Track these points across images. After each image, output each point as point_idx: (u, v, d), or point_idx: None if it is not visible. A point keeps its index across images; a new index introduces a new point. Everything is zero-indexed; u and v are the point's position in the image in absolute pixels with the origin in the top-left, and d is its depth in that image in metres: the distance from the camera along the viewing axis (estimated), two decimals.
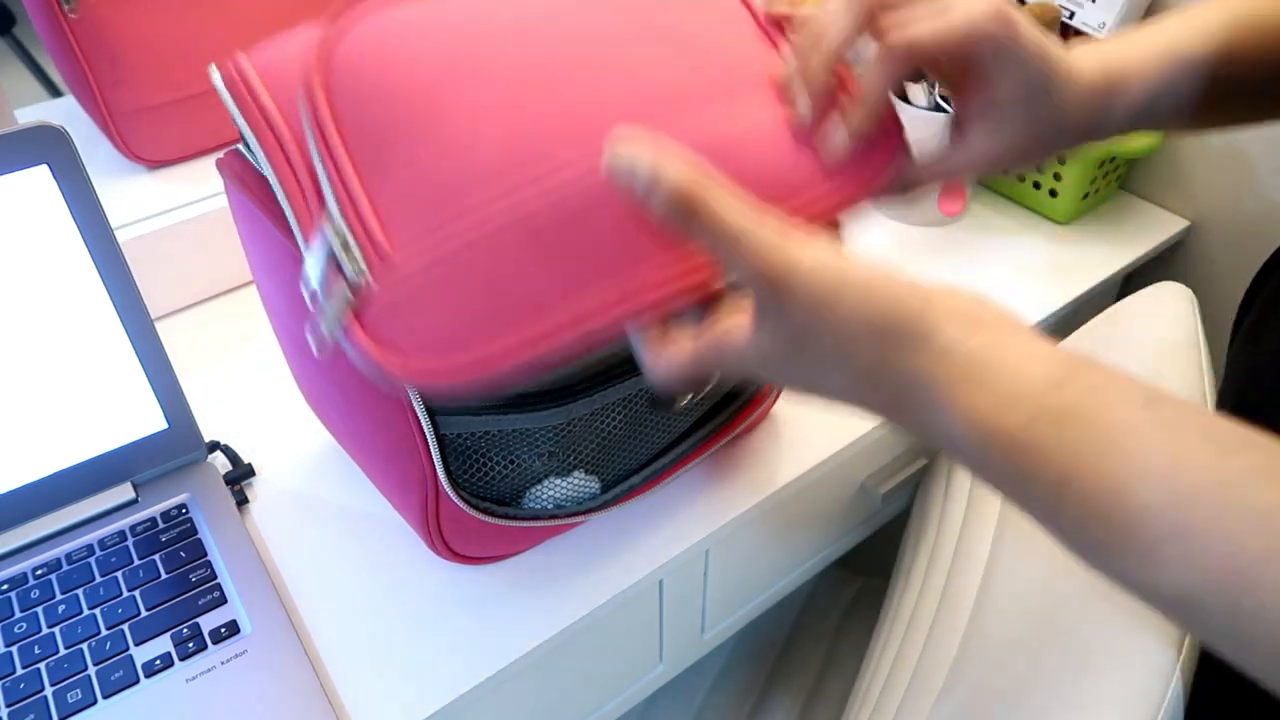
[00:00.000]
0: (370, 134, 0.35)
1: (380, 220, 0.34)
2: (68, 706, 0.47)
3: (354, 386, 0.46)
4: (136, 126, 0.75)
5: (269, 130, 0.38)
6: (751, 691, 0.77)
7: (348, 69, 0.36)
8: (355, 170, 0.35)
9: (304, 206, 0.36)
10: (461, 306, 0.33)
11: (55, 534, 0.55)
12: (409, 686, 0.50)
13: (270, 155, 0.37)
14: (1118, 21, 0.76)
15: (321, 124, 0.35)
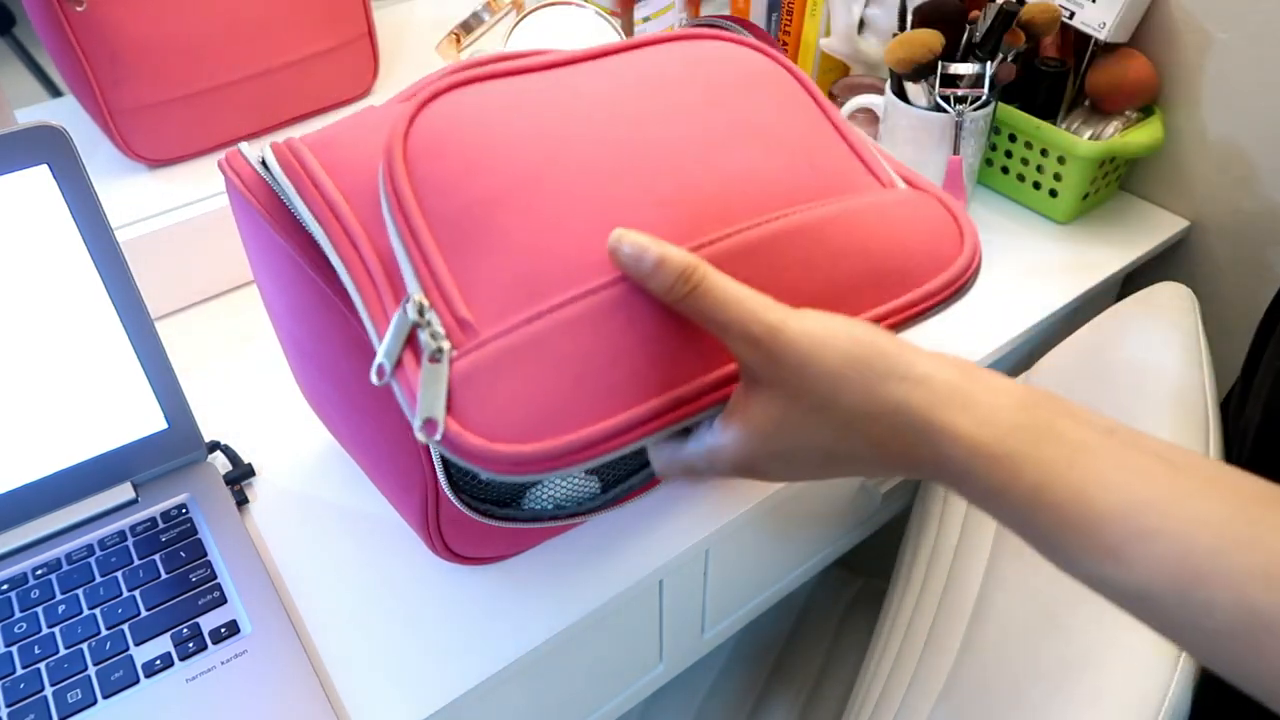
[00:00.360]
0: (453, 217, 0.35)
1: (464, 297, 0.35)
2: (68, 706, 0.47)
3: (354, 388, 0.46)
4: (137, 125, 0.75)
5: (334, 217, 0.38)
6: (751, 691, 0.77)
7: (428, 151, 0.36)
8: (439, 250, 0.35)
9: (372, 290, 0.36)
10: (541, 395, 0.33)
11: (55, 534, 0.55)
12: (409, 686, 0.50)
13: (337, 244, 0.37)
14: (1118, 21, 0.76)
15: (405, 206, 0.35)
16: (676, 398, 0.34)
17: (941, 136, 0.77)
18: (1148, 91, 0.80)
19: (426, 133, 0.37)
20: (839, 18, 0.87)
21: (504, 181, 0.36)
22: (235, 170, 0.43)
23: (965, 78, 0.75)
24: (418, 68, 0.92)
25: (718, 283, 0.33)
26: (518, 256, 0.35)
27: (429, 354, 0.34)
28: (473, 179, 0.36)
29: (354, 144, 0.40)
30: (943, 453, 0.31)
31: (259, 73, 0.78)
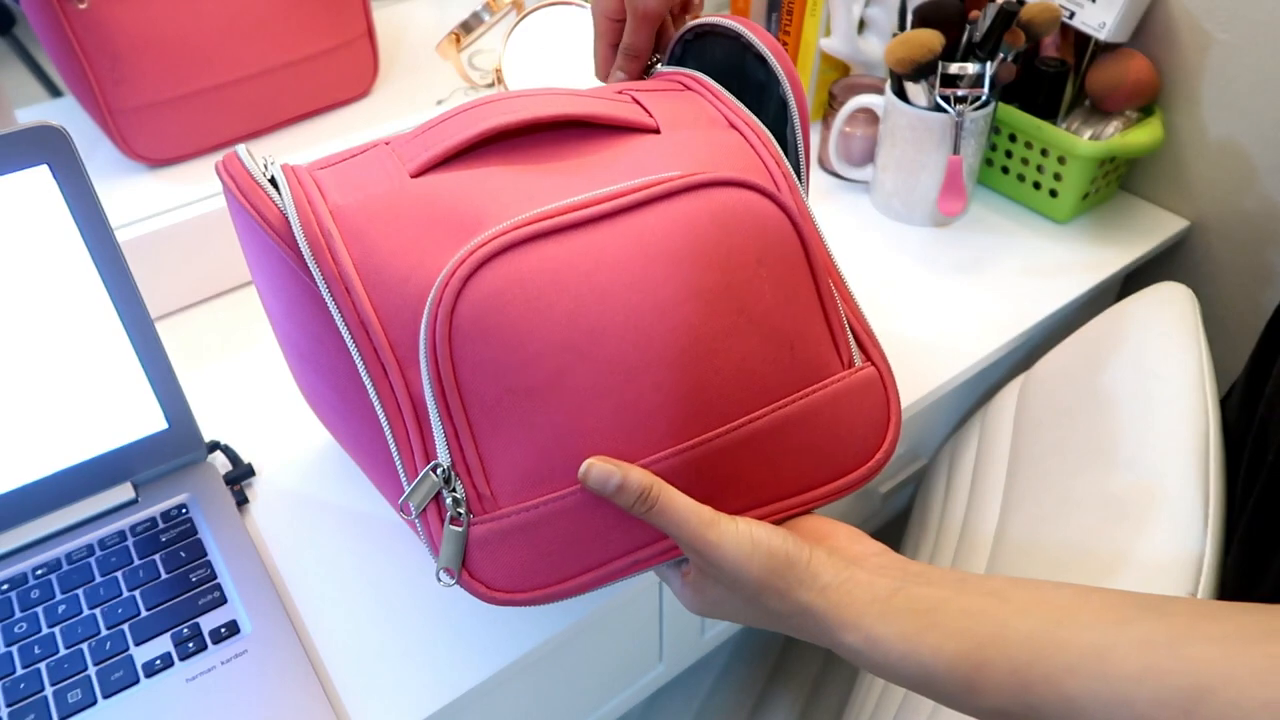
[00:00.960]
0: (488, 404, 0.40)
1: (486, 473, 0.41)
2: (68, 706, 0.47)
3: (351, 392, 0.46)
4: (137, 125, 0.75)
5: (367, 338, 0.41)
6: (751, 691, 0.77)
7: (471, 333, 0.39)
8: (472, 433, 0.40)
9: (404, 434, 0.41)
10: (541, 559, 0.42)
11: (55, 534, 0.55)
12: (409, 686, 0.50)
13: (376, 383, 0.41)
14: (1118, 21, 0.76)
15: (446, 389, 0.40)
16: (635, 560, 0.43)
17: (941, 136, 0.77)
18: (1148, 91, 0.80)
19: (471, 312, 0.39)
20: (839, 18, 0.87)
21: (538, 378, 0.40)
22: (231, 174, 0.43)
23: (965, 78, 0.75)
24: (418, 68, 0.92)
25: (670, 502, 0.41)
26: (537, 449, 0.41)
27: (450, 515, 0.41)
28: (511, 370, 0.40)
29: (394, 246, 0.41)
30: (838, 639, 0.39)
31: (259, 72, 0.78)
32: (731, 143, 0.48)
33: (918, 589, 0.38)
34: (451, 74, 0.87)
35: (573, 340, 0.40)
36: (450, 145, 0.43)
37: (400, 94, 0.89)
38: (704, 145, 0.47)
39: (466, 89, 0.87)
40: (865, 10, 0.87)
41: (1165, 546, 0.51)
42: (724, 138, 0.48)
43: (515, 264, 0.39)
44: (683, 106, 0.50)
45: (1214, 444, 0.54)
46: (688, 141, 0.47)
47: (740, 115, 0.49)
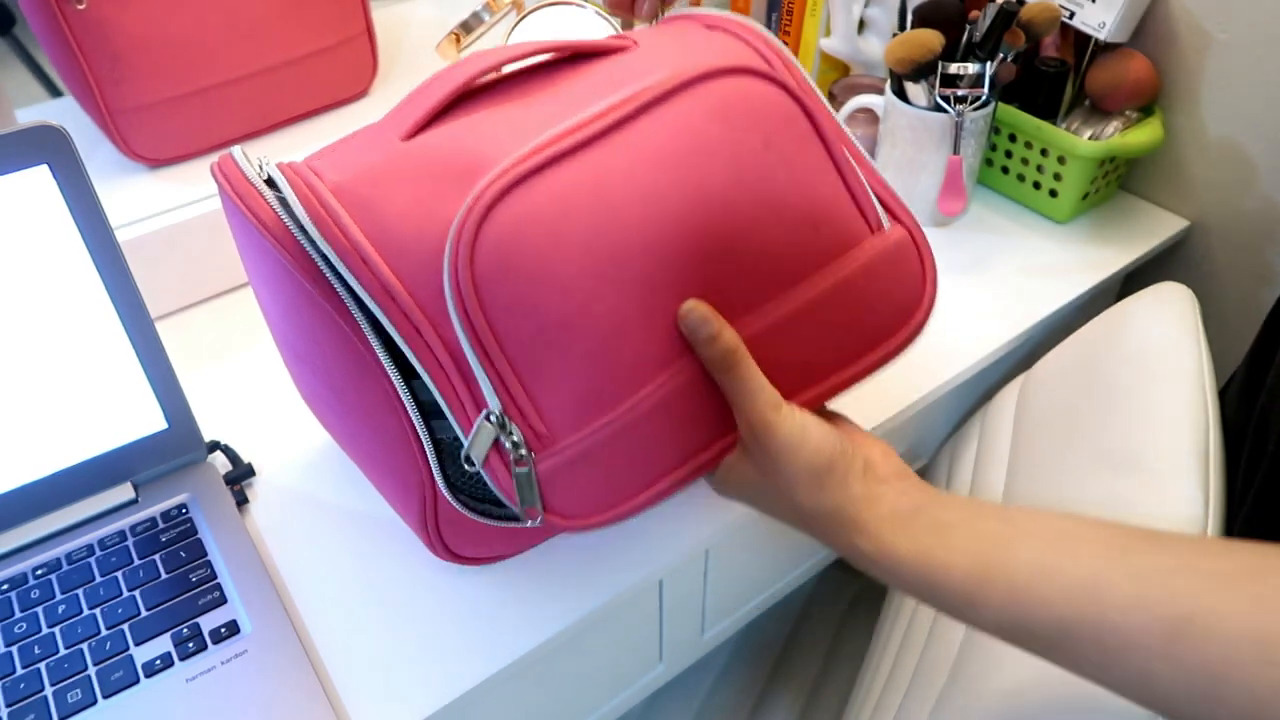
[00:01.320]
0: (524, 341, 0.40)
1: (539, 412, 0.41)
2: (68, 706, 0.47)
3: (349, 393, 0.46)
4: (137, 125, 0.75)
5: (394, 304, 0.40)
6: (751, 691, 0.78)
7: (495, 273, 0.39)
8: (515, 374, 0.40)
9: (451, 389, 0.41)
10: (609, 481, 0.43)
11: (55, 534, 0.55)
12: (409, 686, 0.50)
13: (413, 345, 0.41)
14: (1118, 21, 0.76)
15: (481, 336, 0.39)
16: (698, 464, 0.45)
17: (941, 136, 0.77)
18: (1148, 91, 0.80)
19: (490, 257, 0.39)
20: (839, 18, 0.87)
21: (567, 308, 0.40)
22: (226, 176, 0.43)
23: (965, 78, 0.75)
24: (418, 67, 0.92)
25: (747, 370, 0.42)
26: (583, 378, 0.41)
27: (514, 458, 0.41)
28: (539, 303, 0.39)
29: (400, 207, 0.40)
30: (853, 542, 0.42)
31: (259, 71, 0.78)
32: (715, 40, 0.47)
33: (935, 511, 0.41)
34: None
35: (595, 264, 0.40)
36: (434, 103, 0.43)
37: (400, 94, 0.88)
38: (686, 47, 0.46)
39: None
40: (865, 10, 0.87)
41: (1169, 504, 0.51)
42: (706, 38, 0.47)
43: (524, 199, 0.39)
44: (664, 30, 0.49)
45: (1214, 444, 0.54)
46: (667, 45, 0.46)
47: (725, 20, 0.48)
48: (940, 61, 0.74)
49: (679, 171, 0.41)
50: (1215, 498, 0.52)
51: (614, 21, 0.75)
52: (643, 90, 0.42)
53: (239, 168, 0.43)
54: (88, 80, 0.72)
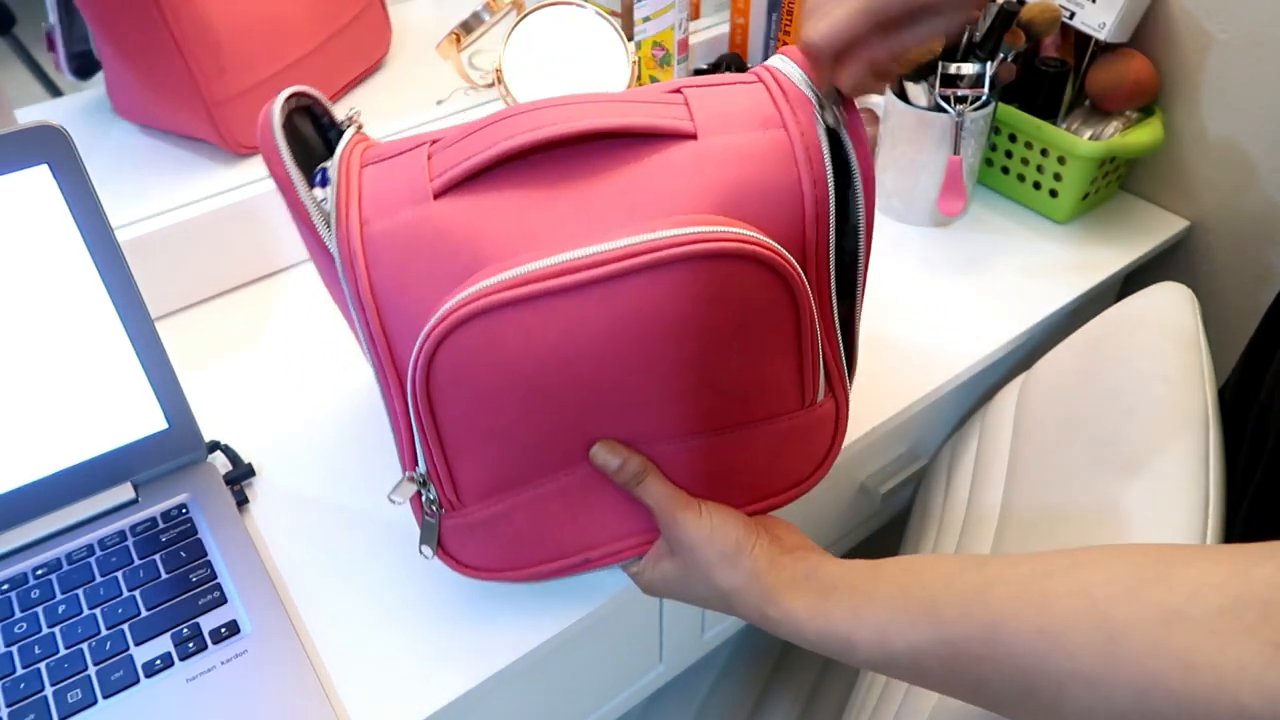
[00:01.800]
0: (460, 434, 0.46)
1: (455, 485, 0.48)
2: (68, 706, 0.47)
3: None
4: (234, 114, 0.76)
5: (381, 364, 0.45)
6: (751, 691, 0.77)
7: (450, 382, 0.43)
8: (445, 454, 0.47)
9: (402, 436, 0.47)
10: (503, 548, 0.51)
11: (55, 534, 0.55)
12: (409, 686, 0.50)
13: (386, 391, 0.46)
14: (1118, 21, 0.76)
15: (421, 420, 0.45)
16: (585, 558, 0.51)
17: (941, 136, 0.77)
18: (1148, 91, 0.80)
19: (447, 366, 0.43)
20: None
21: (499, 420, 0.45)
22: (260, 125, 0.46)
23: (965, 78, 0.75)
24: (417, 68, 0.92)
25: (655, 481, 0.48)
26: (496, 467, 0.47)
27: (426, 510, 0.49)
28: (476, 412, 0.45)
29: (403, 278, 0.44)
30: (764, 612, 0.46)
31: (318, 45, 0.81)
32: (772, 149, 0.45)
33: (826, 568, 0.45)
34: (451, 74, 0.87)
35: (534, 397, 0.44)
36: (472, 165, 0.44)
37: (400, 94, 0.89)
38: (736, 159, 0.45)
39: (466, 89, 0.87)
40: None
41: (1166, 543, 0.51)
42: (765, 143, 0.45)
43: (490, 327, 0.42)
44: (736, 102, 0.47)
45: (1214, 444, 0.54)
46: (719, 153, 0.45)
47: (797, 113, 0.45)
48: (940, 61, 0.74)
49: (643, 342, 0.43)
50: (1215, 497, 0.52)
51: (614, 22, 0.75)
52: (639, 248, 0.41)
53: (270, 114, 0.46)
54: (190, 75, 0.72)
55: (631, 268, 0.41)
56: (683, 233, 0.42)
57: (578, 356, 0.43)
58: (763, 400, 0.49)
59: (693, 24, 0.96)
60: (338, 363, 0.70)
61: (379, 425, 0.64)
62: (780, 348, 0.47)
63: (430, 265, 0.43)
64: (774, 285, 0.44)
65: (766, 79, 0.48)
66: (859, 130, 0.47)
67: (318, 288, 0.77)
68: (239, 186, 0.75)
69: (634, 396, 0.46)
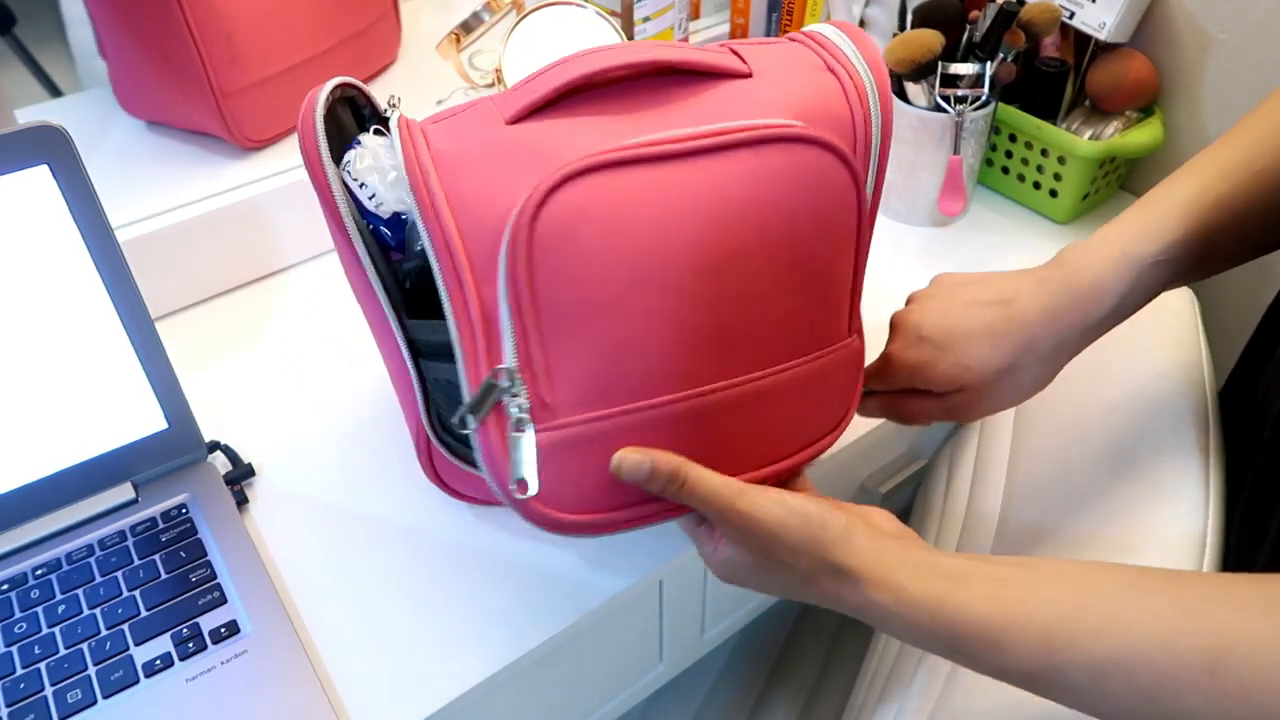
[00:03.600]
0: (560, 311, 0.41)
1: (551, 380, 0.42)
2: (68, 706, 0.47)
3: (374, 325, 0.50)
4: (243, 107, 0.76)
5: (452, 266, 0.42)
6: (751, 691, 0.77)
7: (553, 243, 0.40)
8: (541, 337, 0.42)
9: (471, 342, 0.43)
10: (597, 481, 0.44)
11: (55, 534, 0.55)
12: (409, 686, 0.50)
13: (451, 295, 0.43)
14: (1118, 21, 0.76)
15: (519, 291, 0.41)
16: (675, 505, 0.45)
17: (941, 136, 0.77)
18: (1148, 91, 0.80)
19: (553, 222, 0.40)
20: (839, 18, 0.87)
21: (610, 292, 0.41)
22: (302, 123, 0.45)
23: (965, 78, 0.75)
24: (418, 68, 0.92)
25: (699, 480, 0.42)
26: (601, 362, 0.42)
27: (514, 423, 0.42)
28: (585, 281, 0.41)
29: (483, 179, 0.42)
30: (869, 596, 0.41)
31: (331, 46, 0.81)
32: (826, 86, 0.47)
33: (946, 559, 0.41)
34: (452, 74, 0.87)
35: (646, 262, 0.41)
36: (544, 93, 0.44)
37: (400, 94, 0.89)
38: (796, 89, 0.47)
39: (467, 89, 0.87)
40: (865, 10, 0.87)
41: (1167, 542, 0.51)
42: (819, 81, 0.47)
43: (597, 184, 0.41)
44: (782, 52, 0.49)
45: (1214, 442, 0.54)
46: (779, 84, 0.47)
47: (841, 61, 0.48)
48: (940, 61, 0.74)
49: (746, 211, 0.43)
50: (1215, 495, 0.52)
51: (614, 22, 0.75)
52: (737, 127, 0.43)
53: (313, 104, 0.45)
54: (200, 64, 0.72)
55: (726, 143, 0.42)
56: (775, 121, 0.43)
57: (689, 219, 0.42)
58: (832, 317, 0.48)
59: (693, 24, 0.96)
60: (338, 362, 0.70)
61: (379, 425, 0.64)
62: (845, 254, 0.48)
63: (510, 168, 0.43)
64: (848, 181, 0.45)
65: (802, 39, 0.50)
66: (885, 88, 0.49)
67: (318, 287, 0.77)
68: (239, 186, 0.75)
69: (743, 282, 0.44)
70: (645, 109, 0.45)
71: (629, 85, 0.46)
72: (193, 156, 0.79)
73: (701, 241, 0.42)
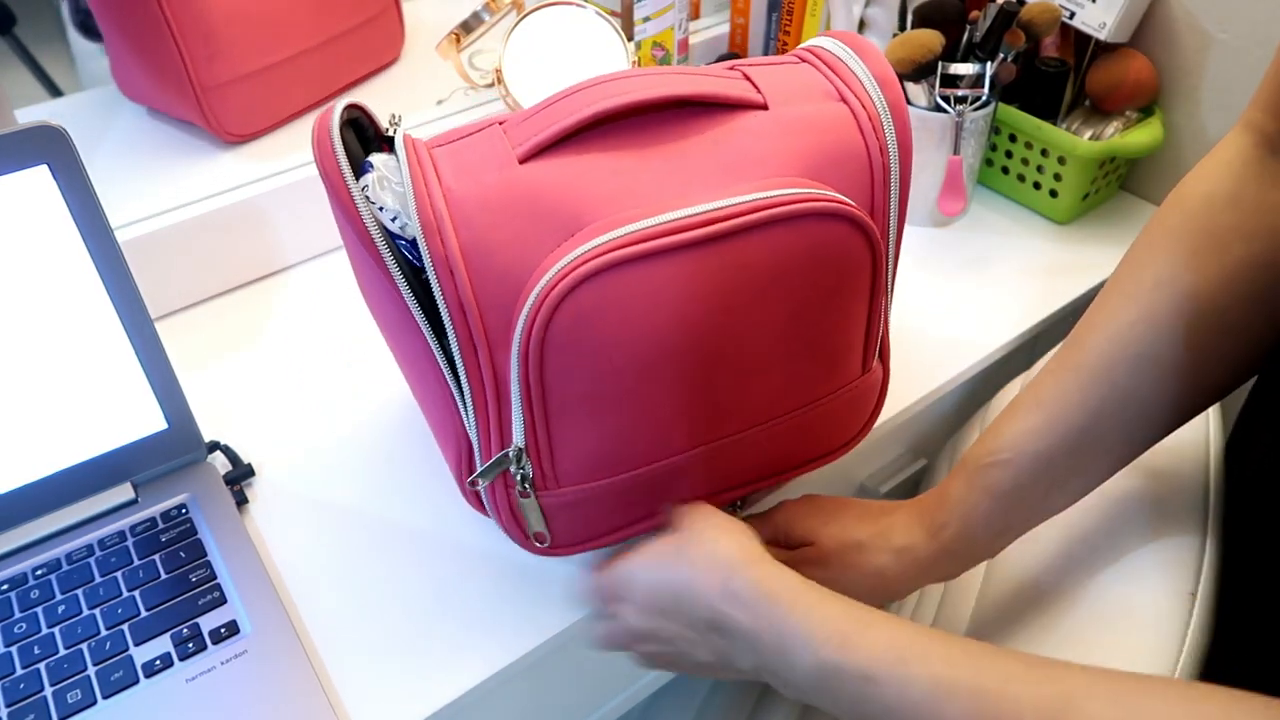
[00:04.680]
0: (567, 401, 0.44)
1: (554, 461, 0.46)
2: (68, 707, 0.47)
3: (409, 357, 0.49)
4: (224, 101, 0.77)
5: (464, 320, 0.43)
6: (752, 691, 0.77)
7: (565, 342, 0.42)
8: (547, 424, 0.44)
9: (484, 410, 0.45)
10: (587, 522, 0.50)
11: (55, 534, 0.55)
12: (409, 686, 0.50)
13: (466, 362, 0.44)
14: (1118, 21, 0.76)
15: (530, 383, 0.43)
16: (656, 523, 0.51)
17: (941, 137, 0.77)
18: (1148, 91, 0.80)
19: (567, 321, 0.41)
20: (839, 18, 0.87)
21: (618, 384, 0.43)
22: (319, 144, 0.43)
23: (965, 78, 0.75)
24: (418, 68, 0.92)
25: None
26: (606, 443, 0.45)
27: (519, 489, 0.47)
28: (595, 375, 0.43)
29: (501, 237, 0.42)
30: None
31: (322, 42, 0.82)
32: (839, 118, 0.47)
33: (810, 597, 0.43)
34: (452, 74, 0.87)
35: (655, 359, 0.43)
36: (557, 130, 0.44)
37: (400, 94, 0.89)
38: (810, 130, 0.46)
39: (466, 89, 0.87)
40: (865, 10, 0.87)
41: (1167, 543, 0.51)
42: (832, 113, 0.47)
43: (613, 283, 0.41)
44: (793, 78, 0.48)
45: (1214, 441, 0.54)
46: (794, 123, 0.46)
47: (852, 86, 0.48)
48: (940, 61, 0.74)
49: (758, 296, 0.44)
50: (1215, 492, 0.52)
51: (614, 22, 0.75)
52: (757, 203, 0.42)
53: (329, 125, 0.44)
54: (180, 58, 0.73)
55: (747, 224, 0.42)
56: (790, 193, 0.43)
57: (698, 313, 0.43)
58: (840, 368, 0.50)
59: (693, 24, 0.96)
60: (338, 362, 0.70)
61: (379, 425, 0.64)
62: (859, 312, 0.48)
63: (526, 225, 0.42)
64: (863, 247, 0.46)
65: (811, 59, 0.50)
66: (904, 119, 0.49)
67: (318, 287, 0.77)
68: (240, 186, 0.75)
69: (748, 362, 0.45)
70: (660, 144, 0.45)
71: (643, 117, 0.46)
72: (193, 157, 0.79)
73: (713, 326, 0.43)
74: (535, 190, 0.43)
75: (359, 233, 0.43)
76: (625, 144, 0.45)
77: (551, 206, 0.42)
